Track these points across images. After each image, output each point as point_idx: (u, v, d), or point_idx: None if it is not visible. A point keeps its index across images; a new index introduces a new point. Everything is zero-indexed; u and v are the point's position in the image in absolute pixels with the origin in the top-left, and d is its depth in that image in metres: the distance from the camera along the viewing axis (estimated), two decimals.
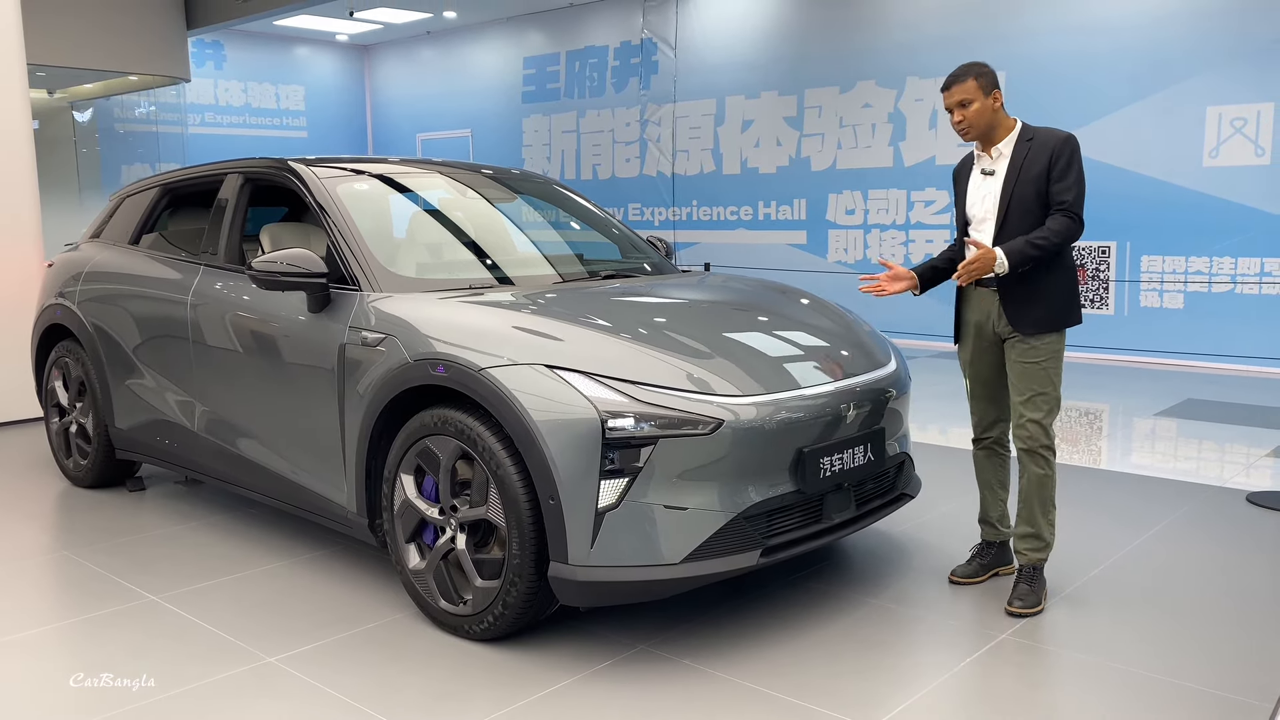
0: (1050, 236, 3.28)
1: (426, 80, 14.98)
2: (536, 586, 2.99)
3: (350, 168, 4.19)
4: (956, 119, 3.41)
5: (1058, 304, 3.40)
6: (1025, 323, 3.37)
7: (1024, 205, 3.35)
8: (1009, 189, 3.37)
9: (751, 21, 11.15)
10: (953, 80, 3.40)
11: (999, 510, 3.68)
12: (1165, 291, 8.61)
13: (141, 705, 2.81)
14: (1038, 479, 3.43)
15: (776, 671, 2.97)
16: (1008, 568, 3.68)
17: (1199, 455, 5.83)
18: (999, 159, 3.42)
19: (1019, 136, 3.40)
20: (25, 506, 4.79)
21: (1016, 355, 3.41)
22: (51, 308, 5.11)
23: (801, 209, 10.87)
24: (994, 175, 3.42)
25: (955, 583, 3.61)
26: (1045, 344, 3.38)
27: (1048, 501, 3.45)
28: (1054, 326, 3.39)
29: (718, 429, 2.92)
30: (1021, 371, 3.40)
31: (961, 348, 3.62)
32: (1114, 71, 8.64)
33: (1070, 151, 3.32)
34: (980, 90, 3.37)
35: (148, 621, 3.39)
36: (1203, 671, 2.97)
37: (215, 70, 14.20)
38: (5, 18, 6.47)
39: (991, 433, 3.63)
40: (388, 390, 3.31)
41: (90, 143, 13.60)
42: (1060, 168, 3.31)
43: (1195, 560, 3.93)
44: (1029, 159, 3.34)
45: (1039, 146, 3.34)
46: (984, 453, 3.68)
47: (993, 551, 3.69)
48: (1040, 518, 3.45)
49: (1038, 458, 3.41)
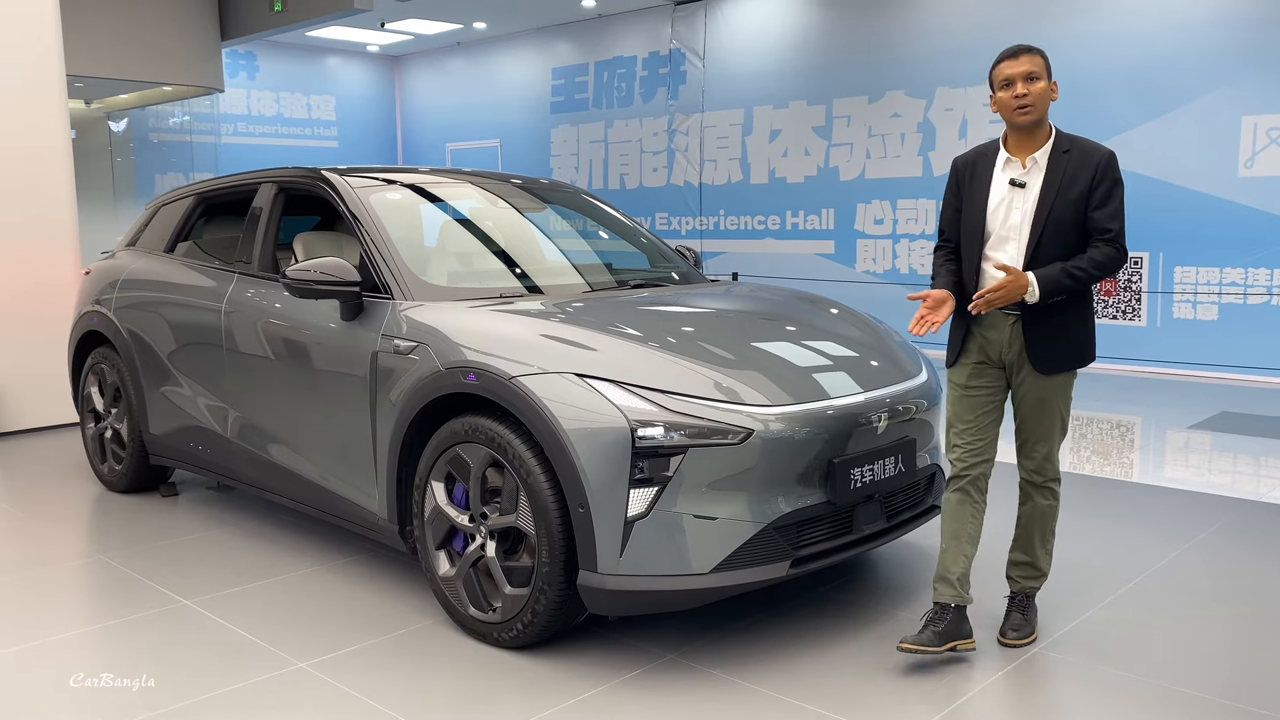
0: (1090, 269, 2.95)
1: (456, 90, 15.09)
2: (565, 595, 3.00)
3: (382, 177, 4.23)
4: (1019, 92, 2.95)
5: (1084, 340, 3.11)
6: (1048, 361, 3.05)
7: (1061, 228, 2.98)
8: (1046, 208, 2.98)
9: (780, 31, 11.15)
10: (1022, 50, 3.00)
11: (961, 567, 3.10)
12: (1199, 303, 8.51)
13: (172, 709, 2.84)
14: (1043, 510, 3.22)
15: (804, 683, 2.96)
16: (966, 642, 3.08)
17: (1234, 469, 5.75)
18: (1033, 169, 3.02)
19: (1054, 147, 3.02)
20: (61, 511, 4.85)
21: (1029, 389, 3.09)
22: (88, 315, 5.19)
23: (830, 218, 10.85)
24: (1025, 188, 3.02)
25: (906, 650, 3.01)
26: (1060, 378, 3.10)
27: (1049, 532, 3.25)
28: (1075, 365, 3.10)
29: (747, 439, 2.91)
30: (1037, 404, 3.11)
31: (956, 371, 3.19)
32: (1146, 81, 8.56)
33: (1115, 174, 2.98)
34: (1047, 70, 2.99)
35: (180, 626, 3.42)
36: (1239, 687, 2.93)
37: (248, 81, 14.37)
38: (46, 30, 6.59)
39: (971, 473, 3.14)
40: (419, 398, 3.33)
41: (125, 152, 13.80)
42: (1103, 192, 2.97)
43: (1232, 574, 3.88)
44: (1068, 175, 2.97)
45: (1079, 161, 2.98)
46: (958, 496, 3.15)
47: (948, 618, 3.06)
48: (1039, 548, 3.24)
49: (1046, 491, 3.21)
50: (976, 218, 3.10)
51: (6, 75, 6.41)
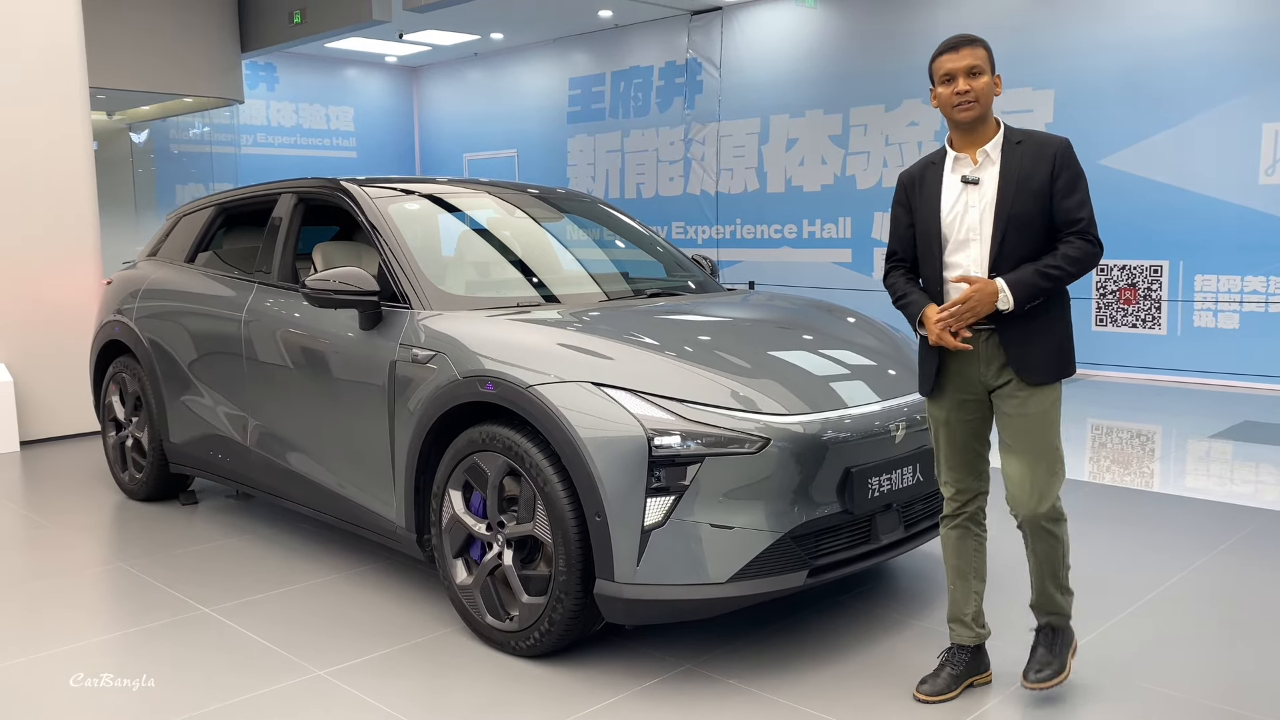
0: (1065, 265, 2.69)
1: (473, 101, 15.16)
2: (582, 603, 3.00)
3: (401, 187, 4.26)
4: (961, 88, 2.71)
5: (1066, 344, 2.81)
6: (1034, 369, 2.75)
7: (1025, 223, 2.72)
8: (1006, 201, 2.72)
9: (796, 40, 11.16)
10: (963, 42, 2.75)
11: (974, 606, 2.98)
12: (1220, 311, 8.45)
13: (192, 716, 2.85)
14: (1044, 552, 2.85)
15: (821, 693, 2.95)
16: (982, 676, 3.00)
17: (1257, 478, 5.70)
18: (985, 164, 2.77)
19: (1005, 139, 2.78)
20: (82, 519, 4.89)
21: (1012, 408, 2.78)
22: (110, 324, 5.23)
23: (846, 227, 10.83)
24: (979, 184, 2.76)
25: (921, 701, 2.91)
26: (1046, 392, 2.78)
27: (1059, 570, 2.89)
28: (1063, 372, 2.79)
29: (764, 447, 2.91)
30: (1021, 427, 2.78)
31: (934, 404, 2.92)
32: (1164, 89, 8.51)
33: (1074, 160, 2.74)
34: (990, 63, 2.75)
35: (199, 633, 3.45)
36: (1262, 699, 2.90)
37: (268, 92, 14.49)
38: (69, 43, 6.67)
39: (968, 508, 2.95)
40: (437, 407, 3.34)
41: (146, 163, 13.94)
42: (1067, 180, 2.71)
43: (1254, 585, 3.84)
44: (1025, 166, 2.72)
45: (1035, 152, 2.74)
46: (956, 533, 2.97)
47: (965, 658, 2.97)
48: (1053, 589, 2.89)
49: (1041, 532, 2.82)
50: (931, 225, 2.83)
51: (30, 87, 6.49)
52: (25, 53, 6.47)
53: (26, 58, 6.48)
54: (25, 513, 4.99)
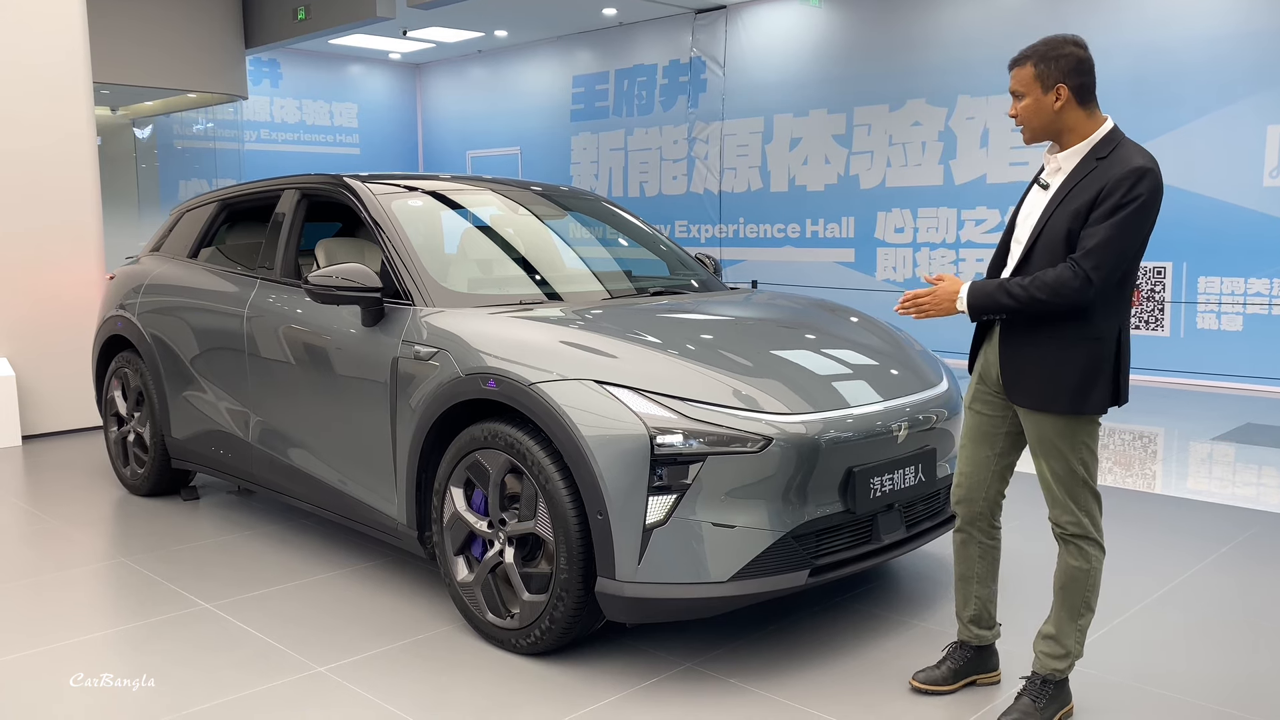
0: (1032, 288, 2.52)
1: (477, 98, 15.16)
2: (583, 601, 2.99)
3: (404, 184, 4.25)
4: (1010, 111, 2.72)
5: (1067, 381, 2.59)
6: (1019, 390, 2.66)
7: (1053, 239, 2.59)
8: (1048, 214, 2.62)
9: (800, 40, 11.15)
10: (1013, 63, 2.70)
11: (973, 609, 2.94)
12: (1223, 313, 8.43)
13: (192, 712, 2.85)
14: (1069, 571, 2.69)
15: (822, 692, 2.95)
16: (989, 675, 2.97)
17: (1259, 481, 5.69)
18: (1056, 173, 2.66)
19: (1092, 151, 2.61)
20: (83, 514, 4.89)
21: (1032, 423, 2.68)
22: (112, 319, 5.24)
23: (850, 227, 10.82)
24: (1047, 190, 2.68)
25: (918, 690, 2.93)
26: (1051, 421, 2.63)
27: (1079, 604, 2.70)
28: (1061, 405, 2.59)
29: (766, 447, 2.91)
30: (1036, 448, 2.70)
31: (970, 383, 2.89)
32: (1170, 90, 8.50)
33: (1124, 191, 2.49)
34: (1037, 82, 2.62)
35: (200, 629, 3.45)
36: (1262, 703, 2.89)
37: (271, 88, 14.49)
38: (74, 40, 6.67)
39: (969, 511, 2.87)
40: (439, 404, 3.34)
41: (150, 159, 13.94)
42: (1105, 209, 2.50)
43: (1257, 587, 3.83)
44: (1083, 183, 2.57)
45: (1102, 171, 2.56)
46: (960, 538, 2.92)
47: (969, 655, 2.96)
48: (1067, 621, 2.71)
49: (1072, 547, 2.67)
50: (1012, 217, 2.81)
51: (34, 82, 6.49)
52: (29, 48, 6.47)
53: (31, 53, 6.48)
54: (27, 507, 4.99)
